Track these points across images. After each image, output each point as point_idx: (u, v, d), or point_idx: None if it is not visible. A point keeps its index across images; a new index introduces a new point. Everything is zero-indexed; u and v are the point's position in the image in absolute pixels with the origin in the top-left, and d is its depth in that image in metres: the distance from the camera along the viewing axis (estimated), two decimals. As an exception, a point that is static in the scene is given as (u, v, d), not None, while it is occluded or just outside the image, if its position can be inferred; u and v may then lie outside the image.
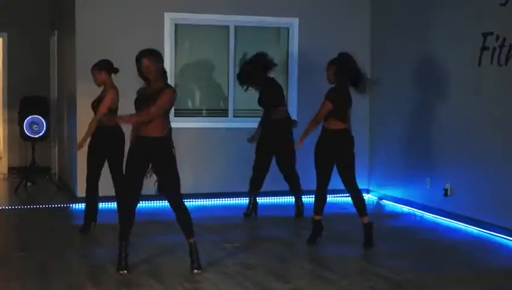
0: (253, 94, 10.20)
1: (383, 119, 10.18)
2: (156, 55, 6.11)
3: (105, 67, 7.74)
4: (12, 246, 7.30)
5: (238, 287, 5.71)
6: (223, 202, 9.73)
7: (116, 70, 7.81)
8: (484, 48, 8.03)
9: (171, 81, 9.67)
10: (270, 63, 8.85)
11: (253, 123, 9.99)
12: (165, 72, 6.21)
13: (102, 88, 7.90)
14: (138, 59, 6.11)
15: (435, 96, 9.01)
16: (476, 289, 5.89)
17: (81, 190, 9.33)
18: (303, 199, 8.79)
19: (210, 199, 9.71)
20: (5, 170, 12.62)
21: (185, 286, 5.70)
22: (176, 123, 9.75)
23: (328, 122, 7.17)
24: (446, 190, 8.67)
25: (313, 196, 7.29)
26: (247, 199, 8.83)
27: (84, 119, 9.53)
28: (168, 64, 9.70)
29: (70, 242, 7.30)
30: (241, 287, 5.70)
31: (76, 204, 9.26)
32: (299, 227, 8.33)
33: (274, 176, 8.93)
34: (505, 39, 7.73)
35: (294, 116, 10.21)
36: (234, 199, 9.58)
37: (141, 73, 6.11)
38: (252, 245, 7.36)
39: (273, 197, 9.75)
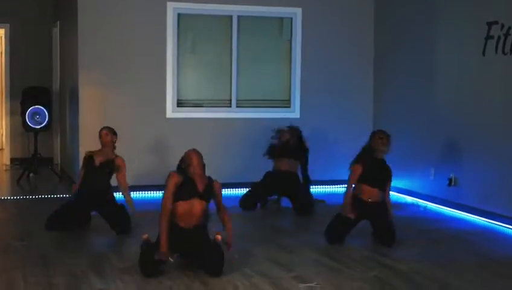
0: (256, 85, 10.19)
1: (387, 108, 10.13)
2: None
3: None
4: (14, 235, 7.24)
5: (240, 275, 5.67)
6: (225, 192, 9.62)
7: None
8: (489, 37, 7.97)
9: (173, 75, 9.67)
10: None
11: (256, 114, 9.98)
12: None
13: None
14: None
15: (439, 85, 8.96)
16: (481, 278, 5.83)
17: (83, 181, 9.31)
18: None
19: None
20: (8, 161, 12.59)
21: (187, 273, 5.66)
22: (178, 114, 9.76)
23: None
24: (450, 180, 8.62)
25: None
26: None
27: (86, 109, 9.53)
28: (170, 54, 9.65)
29: (71, 232, 7.25)
30: (244, 275, 5.66)
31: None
32: (305, 217, 8.31)
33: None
34: (509, 28, 7.66)
35: (296, 109, 10.18)
36: (237, 189, 9.52)
37: None
38: (255, 234, 7.31)
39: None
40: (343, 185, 9.39)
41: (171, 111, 9.71)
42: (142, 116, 9.61)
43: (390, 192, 7.14)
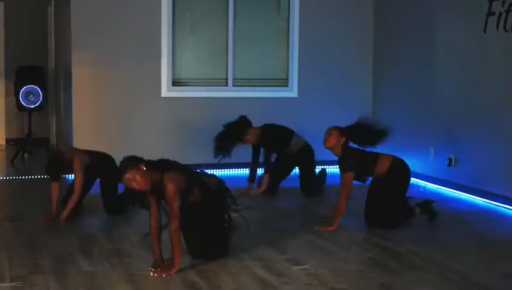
0: (253, 63, 10.00)
1: (386, 87, 9.95)
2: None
3: None
4: (5, 216, 7.10)
5: (232, 257, 5.52)
6: (222, 172, 9.49)
7: None
8: (490, 13, 7.77)
9: (168, 54, 9.47)
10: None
11: (252, 92, 9.80)
12: None
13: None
14: None
15: (439, 63, 8.78)
16: (480, 259, 5.67)
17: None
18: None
19: (209, 170, 9.43)
20: (3, 141, 12.45)
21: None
22: (174, 93, 9.59)
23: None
24: (450, 160, 8.46)
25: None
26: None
27: (80, 89, 9.35)
28: (165, 31, 9.46)
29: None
30: (236, 258, 5.51)
31: (72, 175, 9.03)
32: (302, 199, 8.16)
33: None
34: (511, 4, 7.47)
35: (294, 88, 10.00)
36: (233, 169, 9.36)
37: None
38: (250, 216, 7.14)
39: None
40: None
41: (166, 90, 9.54)
42: (136, 95, 9.44)
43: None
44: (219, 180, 5.56)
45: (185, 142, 9.45)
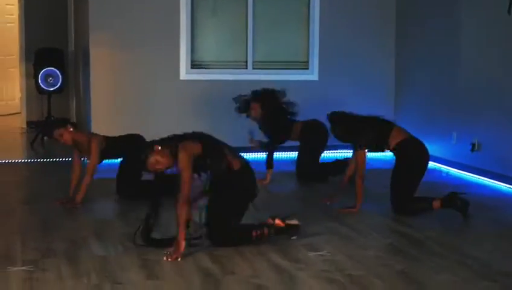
0: (273, 46, 9.86)
1: (408, 71, 9.78)
2: None
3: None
4: (21, 199, 7.08)
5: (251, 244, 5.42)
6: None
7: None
8: (515, -6, 7.58)
9: (187, 36, 9.36)
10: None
11: (272, 75, 9.66)
12: None
13: None
14: None
15: (462, 46, 8.59)
16: (502, 246, 5.54)
17: (95, 144, 9.11)
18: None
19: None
20: (24, 124, 12.44)
21: (192, 242, 5.38)
22: (193, 75, 9.49)
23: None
24: (473, 145, 8.27)
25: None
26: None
27: (98, 71, 9.27)
28: (184, 14, 9.35)
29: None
30: (254, 245, 5.39)
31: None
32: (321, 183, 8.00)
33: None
34: (538, -16, 7.28)
35: (315, 71, 9.85)
36: (253, 153, 9.25)
37: None
38: (268, 200, 7.05)
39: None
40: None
41: (185, 73, 9.44)
42: (155, 77, 9.36)
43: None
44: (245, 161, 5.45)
45: (204, 126, 9.27)
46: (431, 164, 8.83)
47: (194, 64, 9.47)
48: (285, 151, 9.19)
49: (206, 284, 4.57)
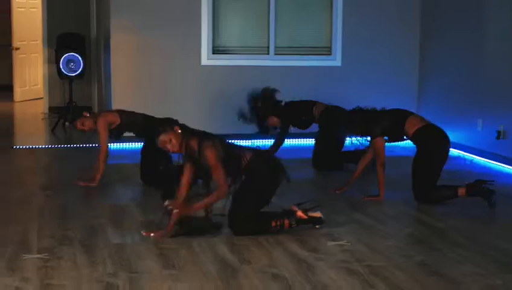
0: (295, 31, 9.73)
1: (433, 56, 9.61)
2: None
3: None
4: (40, 185, 7.05)
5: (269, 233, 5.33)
6: (261, 143, 9.27)
7: None
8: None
9: (208, 21, 9.27)
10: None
11: (294, 61, 9.56)
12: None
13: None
14: None
15: (488, 31, 8.42)
16: (526, 237, 5.42)
17: (116, 130, 9.07)
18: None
19: (247, 140, 9.25)
20: (46, 110, 12.43)
21: (210, 231, 5.32)
22: (214, 61, 9.40)
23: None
24: (499, 132, 8.11)
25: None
26: None
27: (118, 56, 9.21)
28: (206, 0, 9.26)
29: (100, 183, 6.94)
30: (270, 232, 5.31)
31: (113, 144, 8.92)
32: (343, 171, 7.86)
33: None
34: None
35: (338, 57, 9.71)
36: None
37: None
38: (285, 187, 6.94)
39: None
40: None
41: (206, 58, 9.36)
42: (176, 63, 9.29)
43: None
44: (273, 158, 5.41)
45: (225, 112, 9.24)
46: (455, 152, 8.76)
47: (216, 50, 9.38)
48: (303, 138, 9.10)
49: (222, 274, 4.49)
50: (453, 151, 8.89)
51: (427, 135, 6.31)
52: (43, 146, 9.39)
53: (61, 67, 10.38)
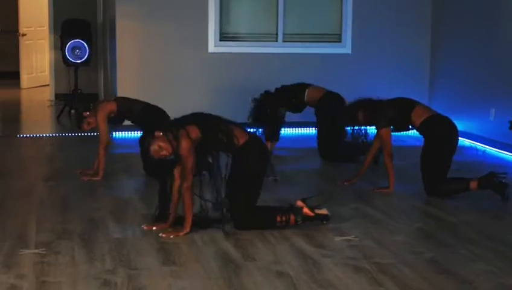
0: (304, 18, 9.54)
1: (445, 44, 9.40)
2: None
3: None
4: (42, 175, 6.92)
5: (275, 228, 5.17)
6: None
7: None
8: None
9: (216, 7, 9.09)
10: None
11: (303, 48, 9.39)
12: None
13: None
14: None
15: (500, 21, 8.21)
16: (540, 233, 5.24)
17: (121, 118, 8.93)
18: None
19: (254, 129, 9.06)
20: (53, 97, 12.30)
21: (214, 224, 5.17)
22: (222, 48, 9.23)
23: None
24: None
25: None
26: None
27: (124, 42, 9.05)
28: (213, -15, 9.12)
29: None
30: (279, 229, 5.16)
31: (117, 132, 8.80)
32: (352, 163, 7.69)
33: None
34: None
35: (348, 44, 9.51)
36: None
37: None
38: (292, 179, 6.81)
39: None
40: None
41: (213, 45, 9.19)
42: (183, 50, 9.12)
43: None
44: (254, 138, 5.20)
45: (232, 100, 9.07)
46: (467, 142, 8.56)
47: (223, 37, 9.21)
48: (308, 127, 8.93)
49: (224, 272, 4.33)
50: (465, 142, 8.73)
51: (434, 126, 6.12)
52: (48, 134, 9.24)
53: (66, 54, 10.23)
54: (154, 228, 5.05)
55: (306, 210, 5.19)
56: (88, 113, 6.65)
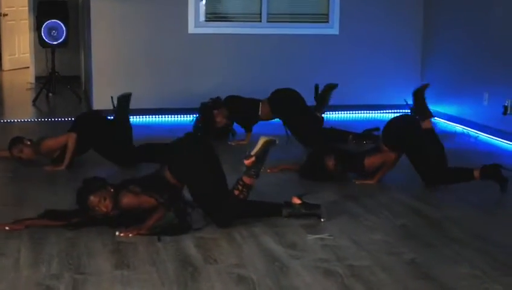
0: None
1: (437, 27, 8.96)
2: None
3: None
4: (5, 166, 6.47)
5: (240, 223, 4.76)
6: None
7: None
8: None
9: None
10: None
11: (288, 29, 8.97)
12: None
13: None
14: None
15: (494, 4, 7.81)
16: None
17: (97, 102, 8.56)
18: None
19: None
20: (33, 80, 11.87)
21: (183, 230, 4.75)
22: (206, 28, 8.80)
23: None
24: (506, 107, 7.52)
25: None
26: None
27: (99, 23, 8.61)
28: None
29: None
30: (244, 224, 4.76)
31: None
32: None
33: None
34: None
35: (335, 25, 9.06)
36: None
37: None
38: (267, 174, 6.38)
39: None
40: (382, 111, 8.61)
41: (193, 26, 8.74)
42: (161, 31, 8.69)
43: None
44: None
45: (214, 83, 8.65)
46: (459, 127, 8.17)
47: (208, 17, 8.80)
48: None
49: (181, 276, 3.94)
50: (458, 127, 8.34)
51: (400, 141, 5.76)
52: (22, 119, 8.81)
53: (42, 34, 9.79)
54: (130, 235, 4.58)
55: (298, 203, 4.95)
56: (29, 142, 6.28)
